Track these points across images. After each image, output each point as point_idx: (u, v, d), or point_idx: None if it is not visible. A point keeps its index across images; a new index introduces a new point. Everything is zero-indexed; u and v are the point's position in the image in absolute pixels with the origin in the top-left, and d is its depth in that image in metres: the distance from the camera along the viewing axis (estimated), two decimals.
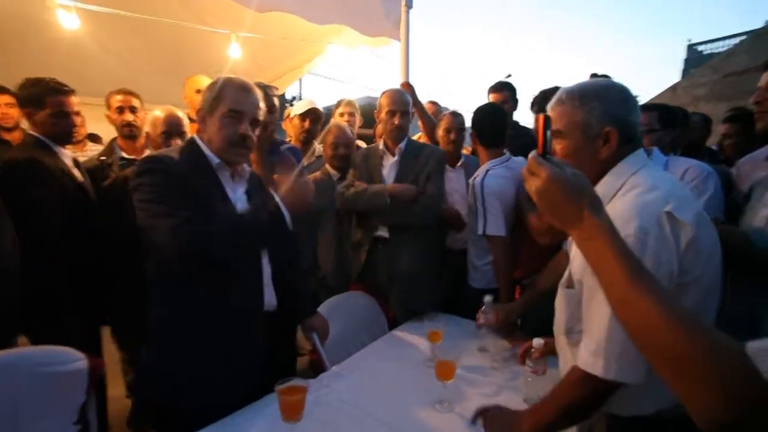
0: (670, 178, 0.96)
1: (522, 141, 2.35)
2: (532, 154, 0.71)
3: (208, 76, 2.52)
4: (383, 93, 2.05)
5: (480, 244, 2.05)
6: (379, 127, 2.71)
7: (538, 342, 1.28)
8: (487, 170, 1.97)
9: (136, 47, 2.91)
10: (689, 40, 14.75)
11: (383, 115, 2.00)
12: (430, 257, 2.02)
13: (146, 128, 1.89)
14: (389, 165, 2.04)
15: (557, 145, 1.00)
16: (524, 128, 2.62)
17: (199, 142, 1.29)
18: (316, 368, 1.65)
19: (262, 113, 1.32)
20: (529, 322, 1.78)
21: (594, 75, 3.66)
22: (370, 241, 2.02)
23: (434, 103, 2.85)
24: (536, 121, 0.75)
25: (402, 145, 2.01)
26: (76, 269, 1.81)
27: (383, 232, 1.99)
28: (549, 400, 0.92)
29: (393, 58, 3.08)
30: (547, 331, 1.72)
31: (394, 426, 1.20)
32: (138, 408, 2.20)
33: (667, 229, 0.80)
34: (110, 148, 2.27)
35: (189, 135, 1.93)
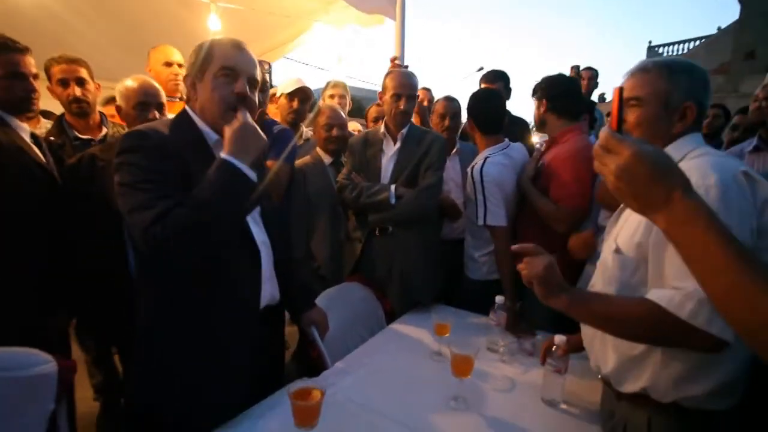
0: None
1: (518, 129, 2.31)
2: (607, 129, 0.63)
3: (173, 49, 2.29)
4: (388, 74, 1.93)
5: (478, 235, 2.00)
6: (371, 110, 2.61)
7: (560, 339, 1.24)
8: (486, 157, 1.90)
9: (92, 17, 2.59)
10: (650, 42, 15.47)
11: (387, 97, 1.88)
12: (430, 248, 1.95)
13: (118, 101, 1.66)
14: (390, 153, 1.94)
15: (630, 114, 0.99)
16: (518, 117, 2.58)
17: (191, 113, 1.13)
18: (315, 364, 1.54)
19: (259, 74, 1.17)
20: (532, 314, 1.76)
21: (576, 67, 3.70)
22: (367, 233, 1.93)
23: (427, 90, 2.75)
24: (614, 93, 0.67)
25: (404, 130, 1.91)
26: (42, 263, 1.57)
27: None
28: (602, 302, 0.92)
29: (382, 42, 2.96)
30: (548, 323, 1.73)
31: (411, 427, 1.13)
32: (128, 414, 2.00)
33: (745, 185, 0.80)
34: (59, 127, 1.94)
35: (166, 111, 1.74)
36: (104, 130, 2.01)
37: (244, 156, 1.02)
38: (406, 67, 2.23)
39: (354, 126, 2.72)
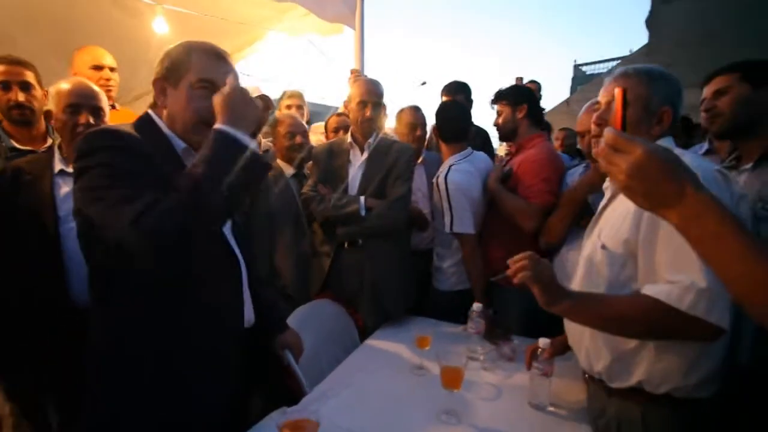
0: None
1: (480, 139, 2.37)
2: (613, 130, 0.63)
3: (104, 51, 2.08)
4: (354, 82, 1.90)
5: (446, 245, 2.01)
6: (331, 120, 2.55)
7: (545, 342, 1.25)
8: (450, 165, 1.93)
9: (18, 16, 2.30)
10: (575, 61, 17.01)
11: (353, 105, 1.85)
12: (401, 259, 1.92)
13: (49, 104, 1.45)
14: (357, 163, 1.89)
15: (613, 117, 1.01)
16: (480, 128, 2.66)
17: (156, 119, 1.02)
18: (290, 391, 1.43)
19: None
20: (504, 319, 1.78)
21: (519, 79, 3.87)
22: (336, 247, 1.86)
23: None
24: (615, 95, 0.67)
25: (372, 140, 1.88)
26: None
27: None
28: (601, 303, 0.94)
29: (337, 55, 2.92)
30: (520, 328, 1.76)
31: None
32: None
33: (722, 182, 0.86)
34: None
35: (107, 119, 1.56)
36: (49, 141, 1.77)
37: (240, 125, 0.90)
38: None
39: (317, 135, 2.65)
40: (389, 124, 2.50)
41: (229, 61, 1.05)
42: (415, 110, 2.23)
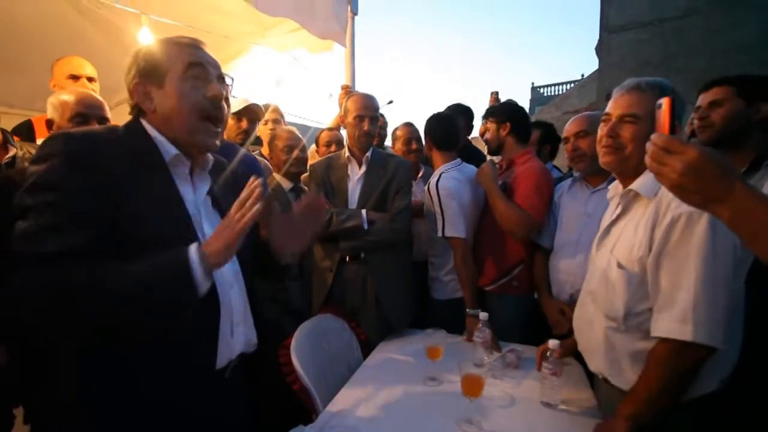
0: None
1: (476, 162, 2.43)
2: (662, 135, 0.68)
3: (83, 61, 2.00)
4: (350, 97, 1.92)
5: (440, 253, 2.04)
6: (323, 135, 2.55)
7: (554, 343, 1.31)
8: (441, 173, 1.99)
9: None
10: (533, 83, 18.11)
11: (350, 119, 1.86)
12: (403, 271, 1.93)
13: (50, 114, 1.38)
14: (355, 177, 1.90)
15: (627, 129, 1.06)
16: (477, 149, 2.74)
17: (145, 125, 0.92)
18: (306, 409, 1.39)
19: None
20: (499, 323, 1.82)
21: (495, 93, 3.98)
22: (338, 263, 1.84)
23: (381, 115, 2.78)
24: (664, 103, 0.72)
25: (369, 154, 1.90)
26: None
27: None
28: (639, 388, 0.96)
29: (319, 73, 2.95)
30: (516, 331, 1.81)
31: None
32: None
33: None
34: None
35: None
36: (12, 151, 1.65)
37: (218, 262, 0.84)
38: None
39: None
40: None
41: (204, 49, 0.96)
42: (408, 126, 2.30)
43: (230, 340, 0.96)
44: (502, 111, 2.04)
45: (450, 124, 2.10)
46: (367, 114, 1.85)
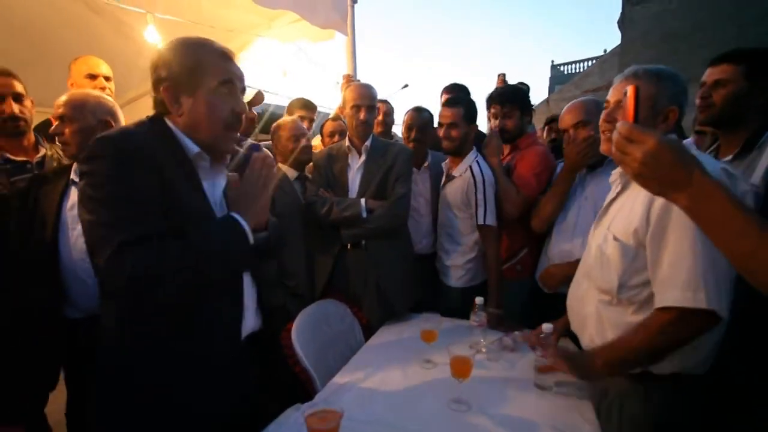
0: None
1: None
2: (627, 123, 0.69)
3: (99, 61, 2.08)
4: (347, 87, 1.94)
5: (455, 242, 2.02)
6: (327, 125, 2.59)
7: (548, 327, 1.33)
8: (476, 160, 1.95)
9: (4, 26, 2.26)
10: (552, 61, 17.47)
11: (348, 110, 1.89)
12: (404, 258, 1.97)
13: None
14: (355, 166, 1.94)
15: (622, 115, 1.06)
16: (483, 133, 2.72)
17: (172, 126, 1.00)
18: (304, 388, 1.47)
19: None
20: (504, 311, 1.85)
21: (503, 75, 3.90)
22: (339, 248, 1.90)
23: (385, 102, 2.77)
24: (628, 91, 0.73)
25: (368, 142, 1.93)
26: None
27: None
28: (626, 340, 0.99)
29: (324, 62, 2.96)
30: (518, 318, 1.83)
31: None
32: None
33: (727, 181, 0.92)
34: None
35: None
36: (42, 151, 1.77)
37: (251, 220, 1.01)
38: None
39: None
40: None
41: (235, 61, 1.05)
42: (414, 111, 2.24)
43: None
44: (523, 99, 2.03)
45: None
46: (363, 104, 1.87)
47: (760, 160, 1.31)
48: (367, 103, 1.88)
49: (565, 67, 16.99)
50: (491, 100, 2.04)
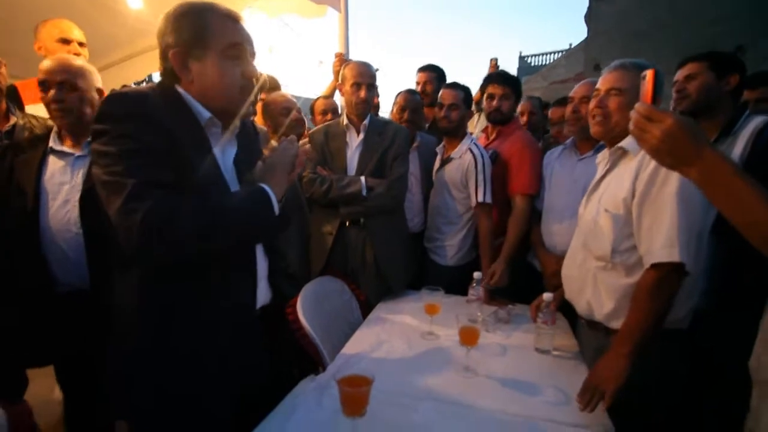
0: None
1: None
2: (645, 104, 0.78)
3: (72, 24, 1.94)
4: (346, 65, 1.92)
5: (449, 222, 2.10)
6: (318, 103, 2.55)
7: (548, 296, 1.43)
8: (473, 141, 2.04)
9: None
10: (521, 52, 17.86)
11: (347, 87, 1.88)
12: (401, 236, 2.01)
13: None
14: (354, 144, 1.94)
15: (613, 100, 1.19)
16: None
17: (183, 93, 0.97)
18: (313, 362, 1.49)
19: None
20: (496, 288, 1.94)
21: (495, 59, 3.93)
22: (338, 227, 1.91)
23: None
24: (648, 75, 0.81)
25: (366, 121, 1.93)
26: None
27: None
28: (631, 322, 1.08)
29: (309, 37, 2.89)
30: (504, 297, 1.93)
31: (440, 400, 1.18)
32: None
33: None
34: None
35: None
36: (12, 119, 1.62)
37: (278, 190, 1.02)
38: None
39: None
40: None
41: (242, 23, 1.00)
42: (407, 93, 2.28)
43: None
44: (520, 87, 2.10)
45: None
46: (363, 81, 1.87)
47: (736, 145, 1.46)
48: (367, 81, 1.88)
49: (533, 58, 17.43)
50: (491, 79, 2.09)
